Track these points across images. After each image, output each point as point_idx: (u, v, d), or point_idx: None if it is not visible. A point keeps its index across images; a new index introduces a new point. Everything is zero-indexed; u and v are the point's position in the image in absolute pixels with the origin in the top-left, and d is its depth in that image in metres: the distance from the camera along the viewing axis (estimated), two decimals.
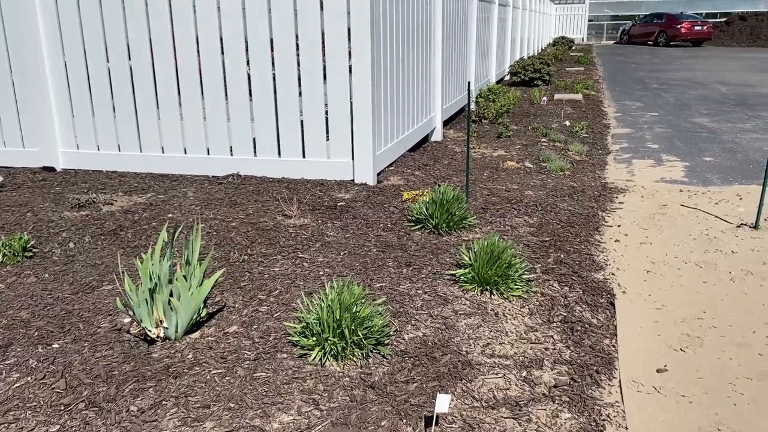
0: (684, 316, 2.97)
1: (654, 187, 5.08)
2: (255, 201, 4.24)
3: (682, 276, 3.39)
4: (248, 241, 3.53)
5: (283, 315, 2.74)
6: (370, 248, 3.43)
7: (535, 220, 4.02)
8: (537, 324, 2.75)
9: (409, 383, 2.28)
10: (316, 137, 4.64)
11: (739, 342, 2.73)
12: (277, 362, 2.41)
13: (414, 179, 4.86)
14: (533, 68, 11.80)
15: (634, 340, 2.74)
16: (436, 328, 2.65)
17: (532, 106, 9.24)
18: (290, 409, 2.15)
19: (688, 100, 10.30)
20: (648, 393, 2.37)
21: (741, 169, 5.57)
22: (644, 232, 4.01)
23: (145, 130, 4.99)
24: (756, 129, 7.49)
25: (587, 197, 4.63)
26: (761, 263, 3.50)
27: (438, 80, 6.48)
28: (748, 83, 12.65)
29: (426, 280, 3.06)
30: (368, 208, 4.10)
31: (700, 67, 17.05)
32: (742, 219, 4.18)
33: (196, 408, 2.17)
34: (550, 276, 3.22)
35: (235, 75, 4.69)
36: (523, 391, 2.27)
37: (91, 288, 3.04)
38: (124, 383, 2.30)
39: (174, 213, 4.00)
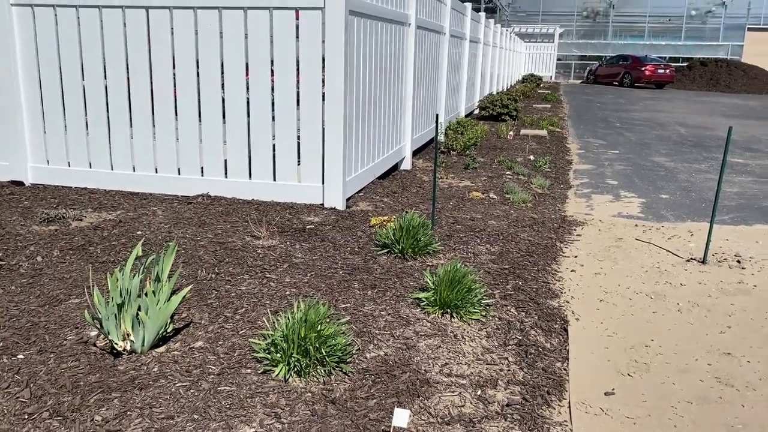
0: (633, 343, 3.12)
1: (611, 221, 5.29)
2: (224, 221, 4.32)
3: (633, 306, 3.55)
4: (216, 260, 3.60)
5: (249, 332, 2.81)
6: (336, 270, 3.53)
7: (497, 249, 4.17)
8: (493, 346, 2.87)
9: (368, 399, 2.37)
10: (288, 161, 4.75)
11: (682, 368, 2.89)
12: (241, 377, 2.48)
13: (382, 205, 4.99)
14: (501, 104, 12.12)
15: (584, 364, 2.88)
16: (397, 347, 2.75)
17: (498, 140, 9.50)
18: (252, 422, 2.22)
19: (648, 139, 10.69)
20: (595, 414, 2.50)
21: (694, 207, 5.84)
22: (599, 264, 4.18)
23: (117, 148, 5.04)
24: (710, 170, 7.83)
25: (547, 229, 4.81)
26: (707, 296, 3.69)
27: (408, 111, 6.67)
28: (706, 126, 13.18)
29: (390, 302, 3.16)
30: (336, 231, 4.20)
31: (662, 108, 17.67)
32: (691, 254, 4.40)
33: (160, 419, 2.22)
34: (508, 301, 3.36)
35: (209, 98, 4.79)
36: (477, 409, 2.38)
37: (58, 301, 3.07)
38: (89, 394, 2.35)
39: (143, 230, 4.05)
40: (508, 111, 12.11)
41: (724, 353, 3.02)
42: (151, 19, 4.76)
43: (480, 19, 12.97)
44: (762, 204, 6.01)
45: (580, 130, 11.94)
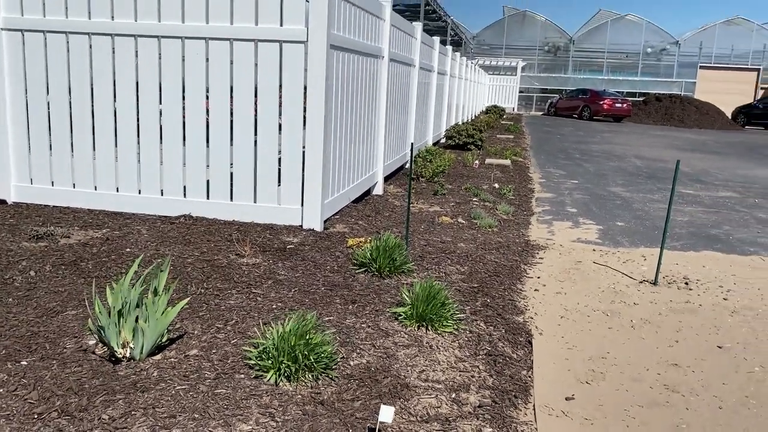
0: (591, 355, 3.42)
1: (571, 246, 5.64)
2: (207, 240, 4.52)
3: (590, 322, 3.87)
4: (204, 276, 3.80)
5: (240, 341, 3.02)
6: (318, 287, 3.77)
7: (466, 269, 4.46)
8: (465, 356, 3.13)
9: (354, 401, 2.60)
10: (268, 184, 4.98)
11: (635, 377, 3.19)
12: (235, 381, 2.69)
13: (358, 228, 5.25)
14: (467, 134, 12.56)
15: (547, 372, 3.16)
16: (379, 356, 2.99)
17: (465, 168, 9.88)
18: (249, 420, 2.43)
19: (606, 170, 11.22)
20: (557, 416, 2.78)
21: (648, 234, 6.24)
22: (560, 284, 4.50)
23: (101, 169, 5.20)
24: (663, 200, 8.31)
25: (512, 252, 5.12)
26: (657, 314, 4.03)
27: (381, 138, 6.97)
28: (660, 158, 13.83)
29: (370, 316, 3.41)
30: (316, 251, 4.44)
31: (619, 141, 18.42)
32: (644, 276, 4.76)
33: (163, 417, 2.41)
34: (477, 316, 3.63)
35: (193, 123, 5.01)
36: (452, 410, 2.63)
37: (55, 312, 3.23)
38: (95, 395, 2.52)
39: (131, 248, 4.22)
40: (474, 141, 12.54)
41: (672, 364, 3.34)
42: (139, 47, 4.97)
43: (447, 52, 13.47)
44: (710, 232, 6.45)
45: (541, 160, 12.44)
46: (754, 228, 6.75)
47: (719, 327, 3.84)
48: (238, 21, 4.81)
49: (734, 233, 6.45)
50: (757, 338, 3.69)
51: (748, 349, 3.54)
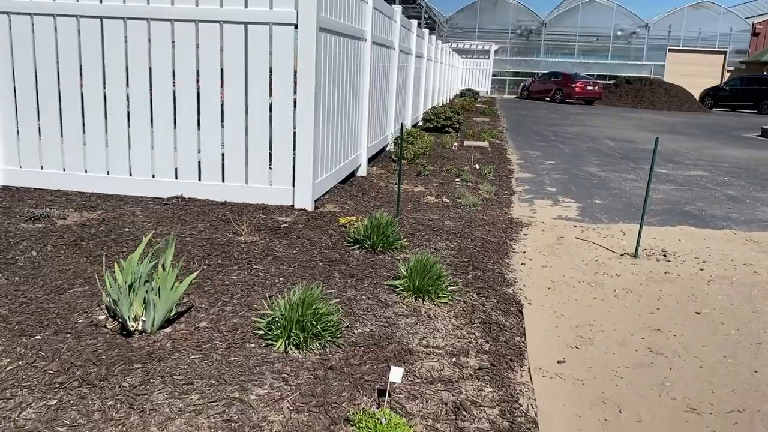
0: (578, 322, 3.61)
1: (553, 222, 5.84)
2: (203, 220, 4.60)
3: (576, 292, 4.06)
4: (205, 253, 3.90)
5: (247, 314, 3.14)
6: (316, 262, 3.89)
7: (455, 245, 4.62)
8: (462, 324, 3.30)
9: (362, 365, 2.75)
10: (260, 164, 5.07)
11: (620, 342, 3.39)
12: (246, 350, 2.81)
13: (347, 207, 5.37)
14: (445, 116, 12.71)
15: (539, 339, 3.34)
16: (380, 325, 3.14)
17: (444, 150, 10.03)
18: (264, 385, 2.56)
19: (581, 151, 11.47)
20: (551, 377, 2.96)
21: (625, 211, 6.47)
22: (545, 258, 4.69)
23: (92, 152, 5.23)
24: (638, 179, 8.57)
25: (497, 229, 5.30)
26: (638, 284, 4.24)
27: (365, 119, 7.08)
28: (632, 140, 14.15)
29: (368, 289, 3.55)
30: (309, 230, 4.56)
31: (591, 123, 18.74)
32: (624, 250, 4.97)
33: (181, 384, 2.53)
34: (470, 288, 3.79)
35: (184, 105, 5.06)
36: (454, 372, 2.79)
37: (62, 290, 3.31)
38: (113, 365, 2.63)
39: (129, 228, 4.29)
40: (451, 123, 12.70)
41: (655, 329, 3.54)
42: (128, 30, 5.00)
43: (423, 35, 13.56)
44: (684, 208, 6.71)
45: (518, 142, 12.65)
46: (725, 204, 7.03)
47: (697, 295, 4.06)
48: (228, 3, 4.87)
49: (707, 209, 6.71)
50: (732, 304, 3.92)
51: (725, 314, 3.77)
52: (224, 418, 2.34)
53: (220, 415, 2.36)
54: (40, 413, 2.32)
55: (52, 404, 2.38)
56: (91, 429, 2.25)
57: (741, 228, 5.91)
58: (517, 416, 2.53)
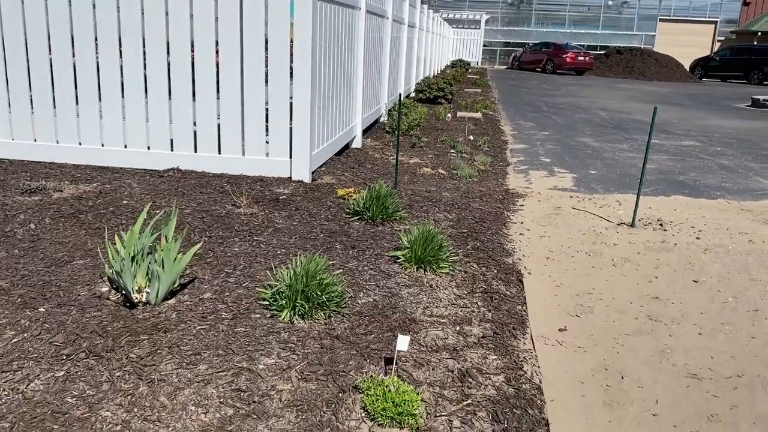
0: (577, 291, 3.64)
1: (548, 193, 5.86)
2: (200, 193, 4.58)
3: (575, 262, 4.09)
4: (205, 225, 3.88)
5: (251, 285, 3.14)
6: (317, 234, 3.89)
7: (454, 216, 4.63)
8: (464, 294, 3.32)
9: (367, 335, 2.77)
10: (256, 136, 5.03)
11: (620, 310, 3.43)
12: (252, 321, 2.82)
13: (344, 179, 5.35)
14: (437, 87, 12.63)
15: (539, 307, 3.37)
16: (384, 295, 3.15)
17: (438, 121, 9.99)
18: (271, 354, 2.57)
19: (574, 122, 11.46)
20: (553, 345, 2.99)
21: (619, 181, 6.50)
22: (543, 228, 4.71)
23: (85, 124, 5.17)
24: (631, 149, 8.59)
25: (494, 200, 5.31)
26: (636, 253, 4.27)
27: (359, 90, 7.02)
28: (624, 110, 14.15)
29: (370, 260, 3.56)
30: (308, 202, 4.55)
31: (583, 94, 18.70)
32: (621, 219, 5.00)
33: (188, 355, 2.54)
34: (470, 259, 3.81)
35: (179, 76, 4.99)
36: (459, 341, 2.82)
37: (63, 262, 3.29)
38: (119, 337, 2.63)
39: (127, 200, 4.27)
40: (444, 94, 12.63)
41: (653, 297, 3.59)
42: None
43: (415, 3, 13.39)
44: (678, 178, 6.75)
45: (510, 113, 12.62)
46: (718, 174, 7.07)
47: (694, 263, 4.10)
48: None
49: (700, 179, 6.75)
50: (729, 272, 3.97)
51: (722, 282, 3.82)
52: (233, 388, 2.36)
53: (229, 385, 2.37)
54: (48, 385, 2.32)
55: (60, 376, 2.39)
56: (101, 400, 2.26)
57: (735, 197, 5.96)
58: (522, 383, 2.57)
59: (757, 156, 8.47)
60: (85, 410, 2.20)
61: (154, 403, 2.26)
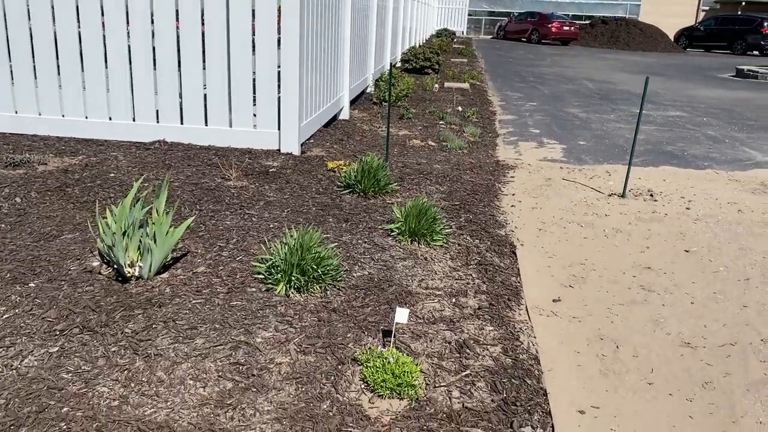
0: (570, 262, 3.65)
1: (539, 164, 5.85)
2: (188, 165, 4.51)
3: (567, 233, 4.10)
4: (195, 198, 3.83)
5: (245, 258, 3.11)
6: (309, 207, 3.86)
7: (445, 188, 4.61)
8: (458, 266, 3.31)
9: (364, 307, 2.76)
10: (244, 107, 4.95)
11: (613, 280, 3.44)
12: (248, 294, 2.79)
13: (333, 151, 5.30)
14: (424, 57, 12.50)
15: (533, 278, 3.38)
16: (379, 268, 3.14)
17: (425, 92, 9.91)
18: (269, 328, 2.56)
19: (561, 93, 11.43)
20: (548, 315, 3.00)
21: (609, 152, 6.50)
22: (534, 200, 4.71)
23: (68, 96, 5.05)
24: (619, 120, 8.59)
25: (485, 171, 5.29)
26: (627, 223, 4.29)
27: (347, 60, 6.92)
28: (610, 80, 14.14)
29: (364, 233, 3.54)
30: (298, 174, 4.50)
31: (568, 64, 18.64)
32: (612, 190, 5.01)
33: (184, 329, 2.52)
34: (463, 231, 3.81)
35: (164, 46, 4.88)
36: (455, 312, 2.82)
37: (51, 237, 3.24)
38: (113, 312, 2.60)
39: (114, 173, 4.19)
40: (431, 64, 12.51)
41: (646, 267, 3.61)
42: None
43: None
44: (666, 149, 6.77)
45: (498, 83, 12.55)
46: (705, 144, 7.10)
47: (685, 233, 4.13)
48: None
49: (688, 149, 6.78)
50: (720, 242, 4.00)
51: (712, 252, 3.85)
52: (231, 361, 2.35)
53: (227, 358, 2.36)
54: (43, 360, 2.29)
55: (54, 351, 2.36)
56: (96, 375, 2.23)
57: (722, 167, 5.99)
58: (519, 353, 2.58)
59: (743, 126, 8.51)
60: (82, 386, 2.17)
61: (151, 378, 2.24)
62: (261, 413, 2.11)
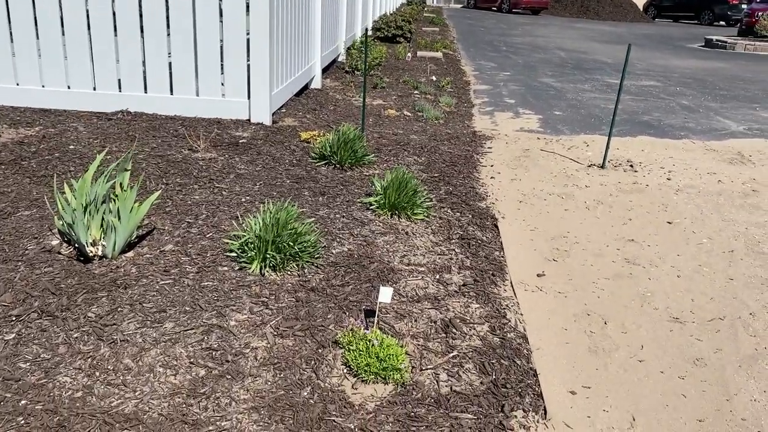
0: (553, 235, 3.56)
1: (516, 135, 5.73)
2: (153, 137, 4.28)
3: (548, 205, 4.00)
4: (161, 171, 3.62)
5: (215, 235, 2.94)
6: (283, 180, 3.68)
7: (424, 160, 4.46)
8: (440, 240, 3.19)
9: (345, 286, 2.62)
10: (212, 76, 4.72)
11: (596, 253, 3.36)
12: (219, 274, 2.63)
13: (306, 121, 5.10)
14: (395, 25, 12.23)
15: (516, 252, 3.27)
16: (359, 244, 3.00)
17: (398, 61, 9.69)
18: (243, 310, 2.40)
19: (534, 62, 11.31)
20: (533, 291, 2.90)
21: (585, 122, 6.42)
22: (513, 171, 4.60)
23: (23, 63, 4.75)
24: (593, 89, 8.51)
25: (462, 142, 5.16)
26: (608, 195, 4.21)
27: (318, 26, 6.67)
28: (581, 50, 14.05)
29: (341, 207, 3.38)
30: (270, 145, 4.30)
31: (539, 33, 18.51)
32: (590, 161, 4.92)
33: (152, 312, 2.35)
34: (444, 204, 3.68)
35: (124, 9, 4.59)
36: (439, 289, 2.70)
37: (6, 214, 3.02)
38: (74, 294, 2.42)
39: (74, 145, 3.95)
40: (403, 33, 12.25)
41: (629, 240, 3.53)
42: None
43: None
44: (642, 118, 6.71)
45: (470, 53, 12.37)
46: (680, 114, 7.07)
47: (666, 204, 4.07)
48: None
49: (664, 119, 6.73)
50: (702, 213, 3.94)
51: (695, 223, 3.79)
52: (204, 347, 2.20)
53: (199, 344, 2.21)
54: None
55: (10, 339, 2.18)
56: (58, 364, 2.07)
57: (699, 137, 5.96)
58: (507, 332, 2.48)
59: (716, 96, 8.51)
60: (41, 376, 2.01)
61: (117, 365, 2.09)
62: (237, 402, 1.98)
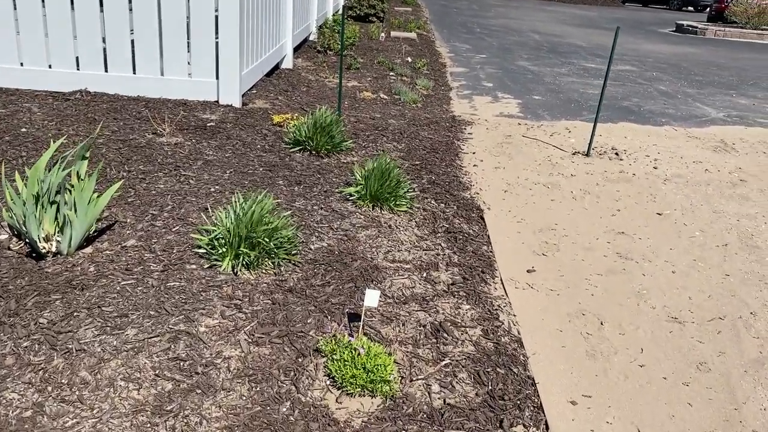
0: (540, 227, 3.40)
1: (496, 120, 5.55)
2: (114, 119, 3.98)
3: (533, 195, 3.83)
4: (123, 158, 3.35)
5: (182, 229, 2.70)
6: (255, 167, 3.44)
7: (404, 146, 4.26)
8: (425, 234, 3.00)
9: (325, 286, 2.41)
10: (177, 54, 4.42)
11: (587, 247, 3.21)
12: (187, 273, 2.40)
13: (279, 103, 4.84)
14: (368, 4, 11.93)
15: (505, 246, 3.10)
16: (339, 239, 2.79)
17: (372, 41, 9.42)
18: (213, 314, 2.18)
19: (509, 45, 11.13)
20: (524, 288, 2.74)
21: (565, 107, 6.27)
22: (496, 159, 4.42)
23: None
24: (570, 73, 8.37)
25: (442, 128, 4.96)
26: (595, 184, 4.06)
27: (289, 3, 6.37)
28: (555, 33, 13.93)
29: (319, 198, 3.16)
30: (240, 129, 4.05)
31: (512, 15, 18.34)
32: (574, 148, 4.77)
33: (113, 317, 2.12)
34: (427, 194, 3.48)
35: None
36: (427, 289, 2.51)
37: None
38: (24, 297, 2.17)
39: (27, 128, 3.64)
40: (375, 12, 11.96)
41: (619, 232, 3.39)
42: None
43: None
44: (622, 104, 6.59)
45: (444, 34, 12.13)
46: (659, 100, 6.97)
47: (655, 195, 3.94)
48: None
49: (643, 105, 6.62)
50: (692, 204, 3.82)
51: (686, 215, 3.66)
52: (170, 356, 1.98)
53: (165, 353, 1.98)
54: None
55: None
56: (4, 378, 1.83)
57: (680, 124, 5.86)
58: (501, 335, 2.30)
59: (693, 81, 8.45)
60: None
61: (72, 379, 1.86)
62: (208, 420, 1.77)
